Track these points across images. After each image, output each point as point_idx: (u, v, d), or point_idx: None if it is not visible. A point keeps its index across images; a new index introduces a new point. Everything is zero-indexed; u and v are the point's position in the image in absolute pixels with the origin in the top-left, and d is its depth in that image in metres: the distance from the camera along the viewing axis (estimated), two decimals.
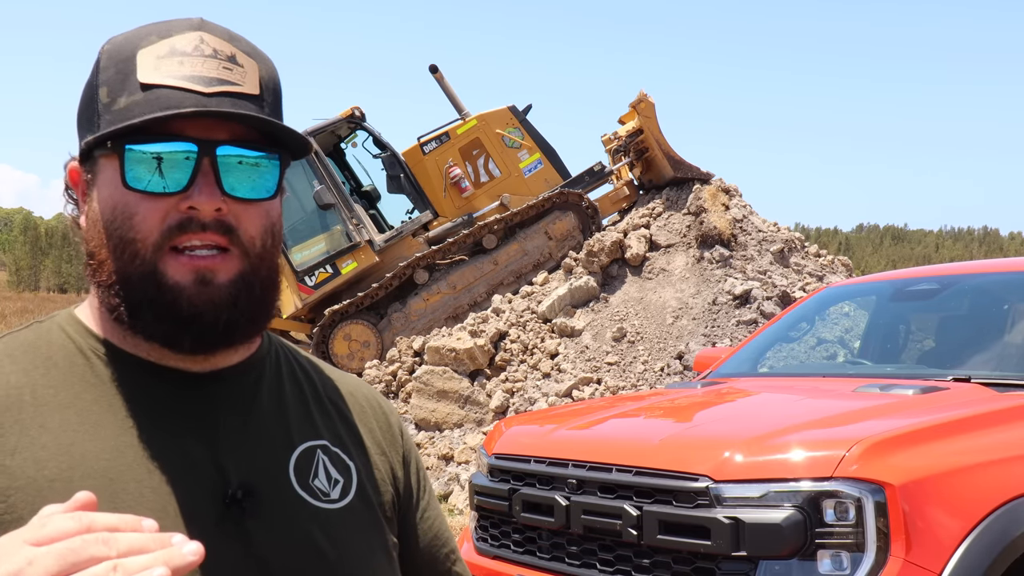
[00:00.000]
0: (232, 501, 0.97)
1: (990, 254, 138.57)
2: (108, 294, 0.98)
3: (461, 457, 8.64)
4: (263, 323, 1.03)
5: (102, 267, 0.98)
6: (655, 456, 3.16)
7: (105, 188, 0.98)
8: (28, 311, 31.77)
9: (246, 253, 0.98)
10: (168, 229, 0.95)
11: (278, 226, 1.03)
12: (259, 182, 0.99)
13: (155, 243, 0.95)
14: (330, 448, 1.08)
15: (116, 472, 0.93)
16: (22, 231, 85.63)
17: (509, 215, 11.16)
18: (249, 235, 0.98)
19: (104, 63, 0.99)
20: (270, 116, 0.99)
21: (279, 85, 1.04)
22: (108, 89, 0.97)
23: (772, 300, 9.83)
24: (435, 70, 11.81)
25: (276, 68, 1.05)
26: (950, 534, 2.76)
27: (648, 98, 11.30)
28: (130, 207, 0.95)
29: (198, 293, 0.96)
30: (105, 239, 0.97)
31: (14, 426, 0.93)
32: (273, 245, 1.02)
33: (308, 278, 11.19)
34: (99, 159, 0.98)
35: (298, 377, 1.13)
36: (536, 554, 3.49)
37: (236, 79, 0.98)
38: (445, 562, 1.21)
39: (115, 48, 0.99)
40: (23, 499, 0.89)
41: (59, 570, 0.66)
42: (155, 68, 0.96)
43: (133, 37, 0.99)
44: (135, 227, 0.95)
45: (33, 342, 1.02)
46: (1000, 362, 4.07)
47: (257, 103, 0.99)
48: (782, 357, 5.46)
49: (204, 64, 0.97)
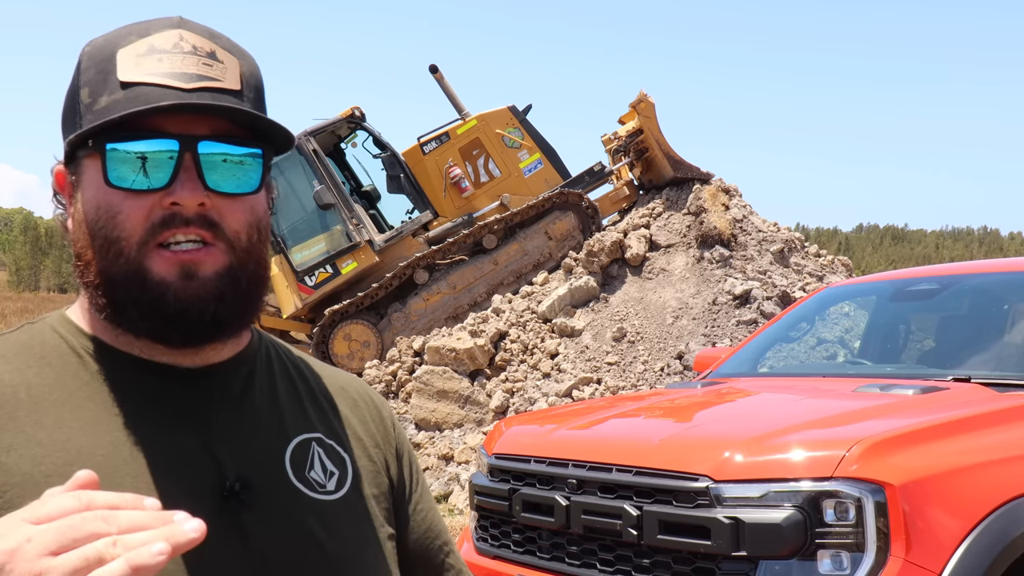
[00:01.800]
0: (230, 493, 0.98)
1: (990, 254, 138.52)
2: (95, 294, 0.99)
3: (461, 457, 8.64)
4: (250, 317, 1.04)
5: (88, 267, 0.99)
6: (655, 456, 3.16)
7: (89, 188, 0.98)
8: (28, 311, 31.75)
9: (231, 247, 0.98)
10: (152, 226, 0.95)
11: (264, 221, 1.03)
12: (242, 177, 0.99)
13: (139, 240, 0.95)
14: (324, 440, 1.09)
15: (113, 467, 0.94)
16: (22, 231, 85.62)
17: (509, 215, 11.16)
18: (233, 229, 0.98)
19: (85, 64, 0.99)
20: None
21: (261, 82, 1.05)
22: (89, 89, 0.97)
23: (772, 300, 9.83)
24: (435, 70, 11.81)
25: (258, 65, 1.05)
26: (950, 534, 2.76)
27: (648, 98, 11.30)
28: (113, 206, 0.96)
29: (183, 288, 0.96)
30: (90, 239, 0.98)
31: (9, 423, 0.93)
32: (259, 240, 1.02)
33: (308, 278, 11.20)
34: (82, 160, 0.98)
35: (290, 372, 1.14)
36: (536, 554, 3.49)
37: (216, 75, 0.98)
38: (439, 554, 1.21)
39: (95, 49, 1.00)
40: (20, 495, 0.89)
41: (58, 546, 0.66)
42: (135, 66, 0.96)
43: (113, 37, 1.00)
44: (119, 225, 0.96)
45: (26, 343, 1.02)
46: (1000, 362, 4.07)
47: (238, 98, 0.99)
48: (782, 357, 5.46)
49: (184, 61, 0.97)
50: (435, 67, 11.84)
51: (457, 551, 1.25)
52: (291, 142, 1.04)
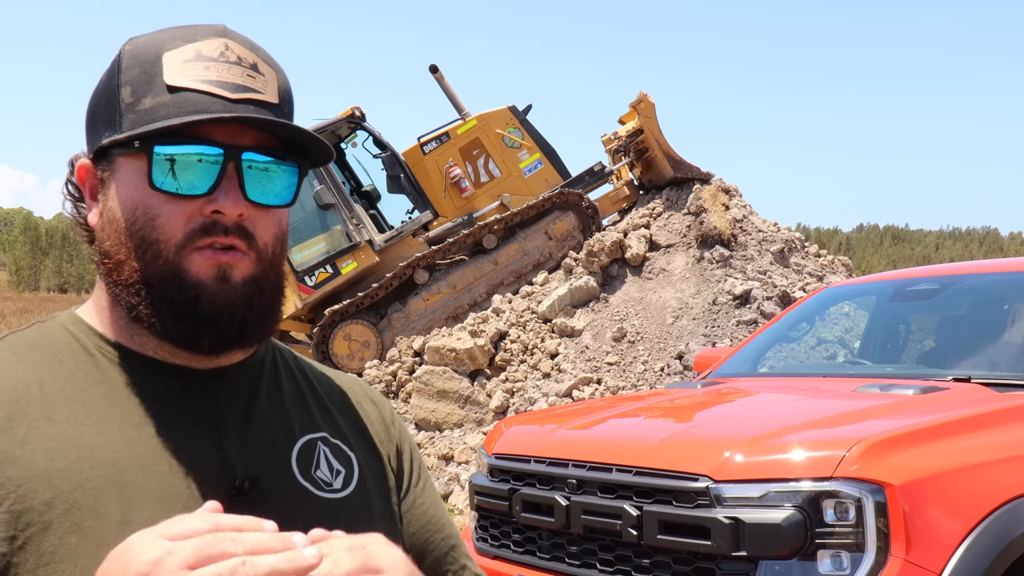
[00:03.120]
0: (238, 492, 0.99)
1: (990, 254, 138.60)
2: (127, 293, 0.99)
3: (461, 457, 8.64)
4: (271, 327, 1.06)
5: (120, 267, 0.99)
6: (655, 456, 3.16)
7: (125, 188, 0.99)
8: (28, 311, 31.77)
9: (260, 258, 1.01)
10: (192, 232, 0.97)
11: (286, 233, 1.06)
12: (279, 189, 1.02)
13: (178, 244, 0.97)
14: (330, 440, 1.11)
15: (124, 463, 0.95)
16: (22, 231, 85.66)
17: (509, 215, 11.16)
18: (264, 241, 1.01)
19: (127, 63, 1.00)
20: None
21: (292, 95, 1.07)
22: (132, 89, 0.98)
23: (772, 300, 9.83)
24: (435, 70, 11.81)
25: (288, 79, 1.07)
26: (950, 534, 2.76)
27: (648, 98, 11.30)
28: (153, 208, 0.97)
29: (218, 291, 0.97)
30: (126, 239, 0.99)
31: (23, 419, 0.94)
32: (281, 252, 1.04)
33: (308, 278, 11.20)
34: (118, 158, 0.99)
35: (295, 375, 1.15)
36: (536, 554, 3.49)
37: (259, 87, 1.00)
38: (441, 547, 1.21)
39: (138, 49, 1.00)
40: (33, 489, 0.90)
41: (196, 561, 0.74)
42: (182, 71, 0.97)
43: (157, 40, 1.00)
44: (159, 228, 0.97)
45: (37, 340, 1.03)
46: (1000, 362, 4.08)
47: (277, 111, 1.01)
48: (782, 357, 5.47)
49: (229, 71, 0.98)
50: (435, 67, 11.83)
51: (464, 547, 1.25)
52: (330, 156, 1.06)
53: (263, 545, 0.76)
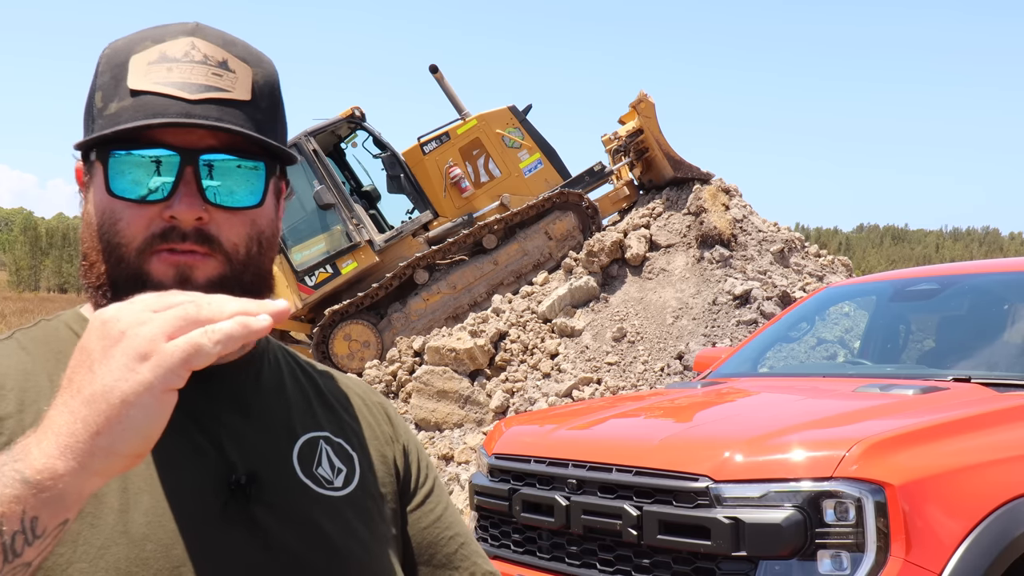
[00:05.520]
0: (237, 487, 0.99)
1: (990, 254, 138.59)
2: (97, 294, 1.00)
3: (461, 457, 8.64)
4: None
5: (92, 269, 1.00)
6: (655, 456, 3.16)
7: (97, 192, 0.99)
8: (28, 311, 31.77)
9: (228, 259, 0.99)
10: (151, 236, 0.97)
11: (267, 232, 1.03)
12: (244, 190, 1.00)
13: (138, 248, 0.97)
14: (332, 439, 1.11)
15: None
16: (22, 231, 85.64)
17: (509, 215, 11.16)
18: (232, 243, 0.99)
19: (102, 67, 1.00)
20: (263, 121, 1.00)
21: (277, 89, 1.05)
22: (103, 94, 0.99)
23: (772, 300, 9.83)
24: (435, 70, 11.81)
25: (275, 71, 1.05)
26: (950, 534, 2.76)
27: (648, 98, 11.29)
28: (116, 213, 0.97)
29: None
30: (97, 241, 0.99)
31: (32, 405, 0.95)
32: (259, 252, 1.02)
33: (308, 278, 11.20)
34: (94, 162, 1.00)
35: (297, 374, 1.15)
36: (536, 554, 3.49)
37: (225, 85, 0.98)
38: (450, 544, 1.21)
39: (113, 53, 1.01)
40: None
41: (173, 330, 0.77)
42: (144, 74, 0.97)
43: (129, 42, 1.01)
44: (120, 232, 0.97)
45: (42, 338, 1.04)
46: (1000, 362, 4.08)
47: (247, 109, 0.99)
48: (782, 357, 5.46)
49: (193, 71, 0.97)
50: (435, 67, 11.83)
51: (475, 545, 1.24)
52: (291, 160, 1.05)
53: (245, 308, 0.79)
